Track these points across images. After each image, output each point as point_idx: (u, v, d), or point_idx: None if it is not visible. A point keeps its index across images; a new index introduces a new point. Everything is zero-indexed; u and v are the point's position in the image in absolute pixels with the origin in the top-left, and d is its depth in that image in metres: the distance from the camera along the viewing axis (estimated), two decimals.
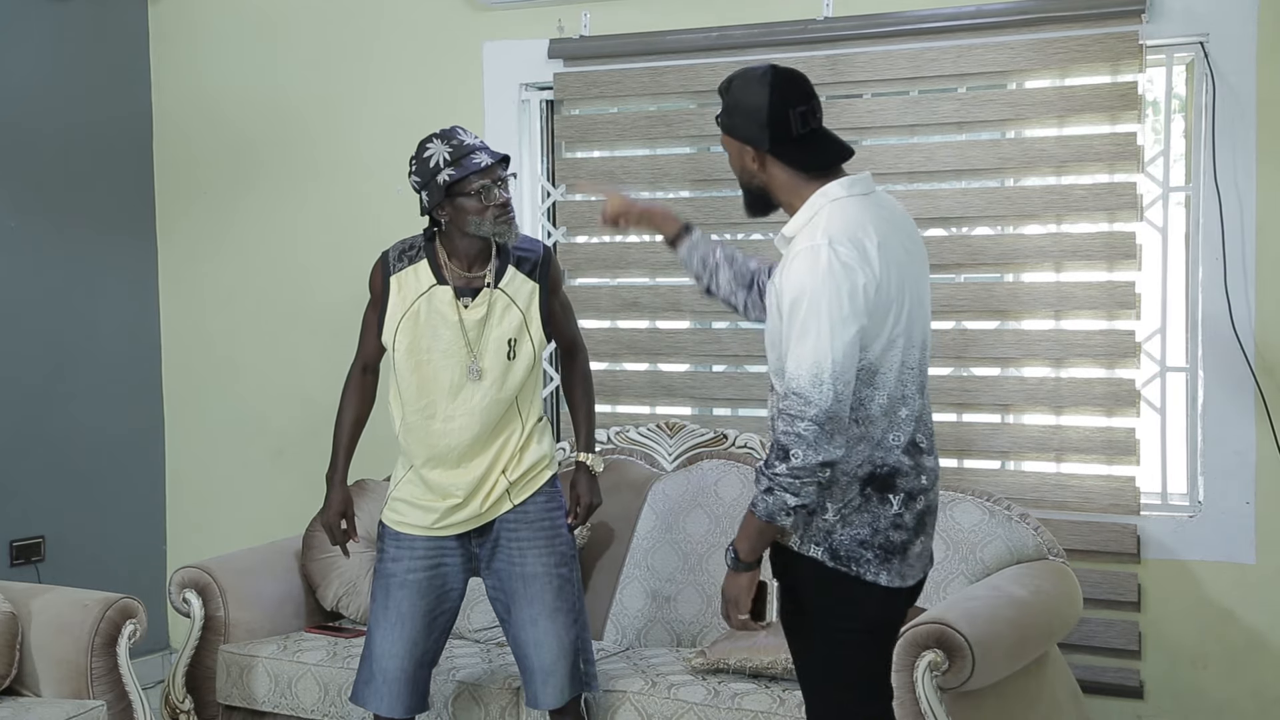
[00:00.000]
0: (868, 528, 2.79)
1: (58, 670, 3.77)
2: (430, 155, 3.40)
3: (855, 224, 2.75)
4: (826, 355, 2.66)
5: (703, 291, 3.16)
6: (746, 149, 2.85)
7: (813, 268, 2.70)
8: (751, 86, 2.83)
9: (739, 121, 2.85)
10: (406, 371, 3.51)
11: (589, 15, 4.73)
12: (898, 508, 2.80)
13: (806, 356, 2.67)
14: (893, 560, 2.81)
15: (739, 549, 2.80)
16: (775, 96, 2.80)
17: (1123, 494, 4.18)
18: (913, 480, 2.82)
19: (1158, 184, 4.21)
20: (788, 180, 2.84)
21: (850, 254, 2.70)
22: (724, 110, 2.88)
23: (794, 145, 2.82)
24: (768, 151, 2.82)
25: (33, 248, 5.04)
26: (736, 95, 2.85)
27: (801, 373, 2.67)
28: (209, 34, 5.34)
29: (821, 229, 2.73)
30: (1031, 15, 4.20)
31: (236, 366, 5.38)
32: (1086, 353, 4.21)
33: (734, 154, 2.89)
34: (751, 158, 2.85)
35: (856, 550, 2.79)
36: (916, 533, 2.85)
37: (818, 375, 2.66)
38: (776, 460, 2.69)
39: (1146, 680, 4.19)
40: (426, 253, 3.51)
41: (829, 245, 2.70)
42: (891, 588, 2.82)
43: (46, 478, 5.08)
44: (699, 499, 4.29)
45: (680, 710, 3.60)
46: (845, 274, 2.68)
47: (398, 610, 3.53)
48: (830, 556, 2.79)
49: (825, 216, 2.76)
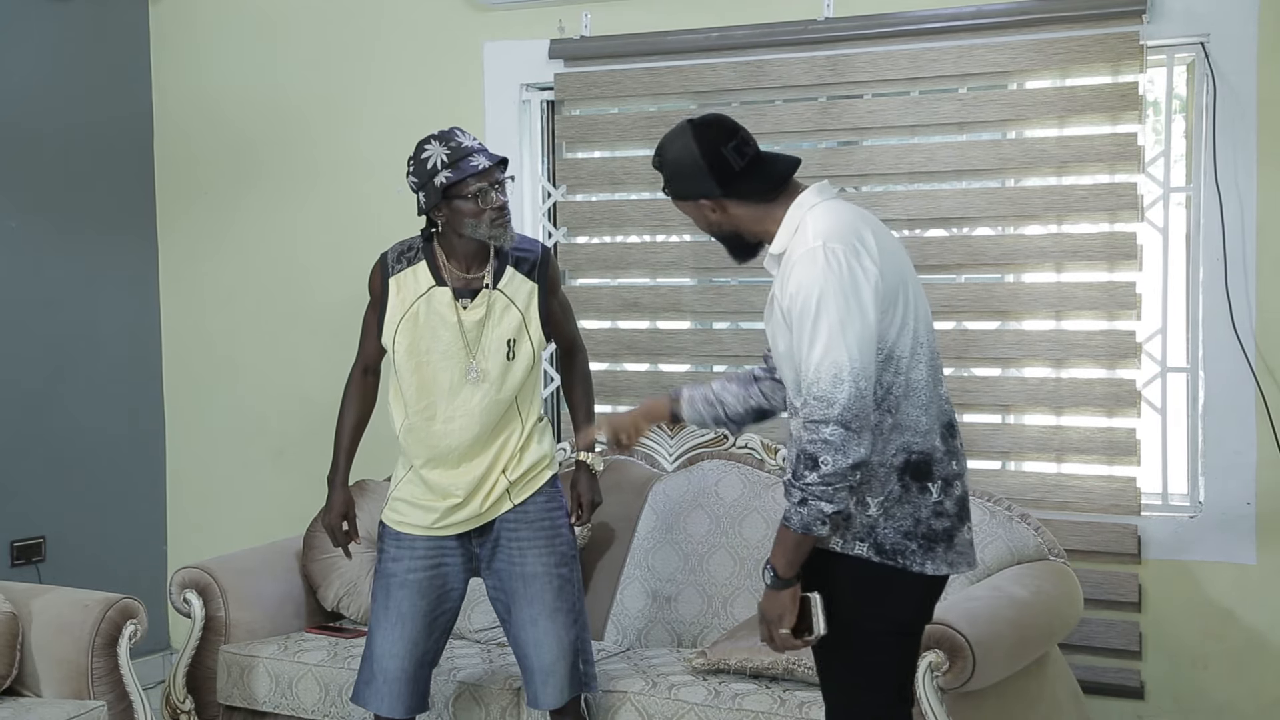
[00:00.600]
0: (910, 518, 2.78)
1: (58, 670, 3.77)
2: (428, 157, 3.39)
3: (842, 222, 2.77)
4: (842, 352, 2.65)
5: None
6: (703, 203, 2.87)
7: (811, 268, 2.70)
8: (677, 145, 2.86)
9: (683, 183, 2.87)
10: (407, 373, 3.51)
11: (590, 15, 4.73)
12: (937, 495, 2.80)
13: (823, 357, 2.66)
14: (936, 548, 2.80)
15: (777, 566, 2.76)
16: (702, 143, 2.83)
17: (1123, 494, 4.18)
18: (947, 466, 2.82)
19: (1158, 184, 4.21)
20: (751, 213, 2.86)
21: (847, 249, 2.71)
22: (666, 180, 2.90)
23: (742, 179, 2.84)
24: (721, 196, 2.84)
25: (33, 248, 5.04)
26: (669, 158, 2.88)
27: (821, 375, 2.66)
28: (209, 34, 5.34)
29: (811, 233, 2.74)
30: (1032, 16, 4.19)
31: (237, 366, 5.38)
32: (1087, 353, 4.20)
33: (695, 215, 2.91)
34: (710, 209, 2.87)
35: (901, 542, 2.78)
36: (960, 519, 2.85)
37: (837, 374, 2.65)
38: (806, 470, 2.66)
39: (1147, 681, 4.19)
40: (425, 254, 3.51)
41: (824, 245, 2.71)
42: (937, 576, 2.82)
43: (47, 478, 5.08)
44: (700, 499, 4.29)
45: (681, 710, 3.60)
46: (847, 269, 2.69)
47: (398, 610, 3.53)
48: (876, 551, 2.77)
49: (810, 222, 2.77)
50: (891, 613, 2.82)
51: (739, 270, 4.61)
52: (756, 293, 4.61)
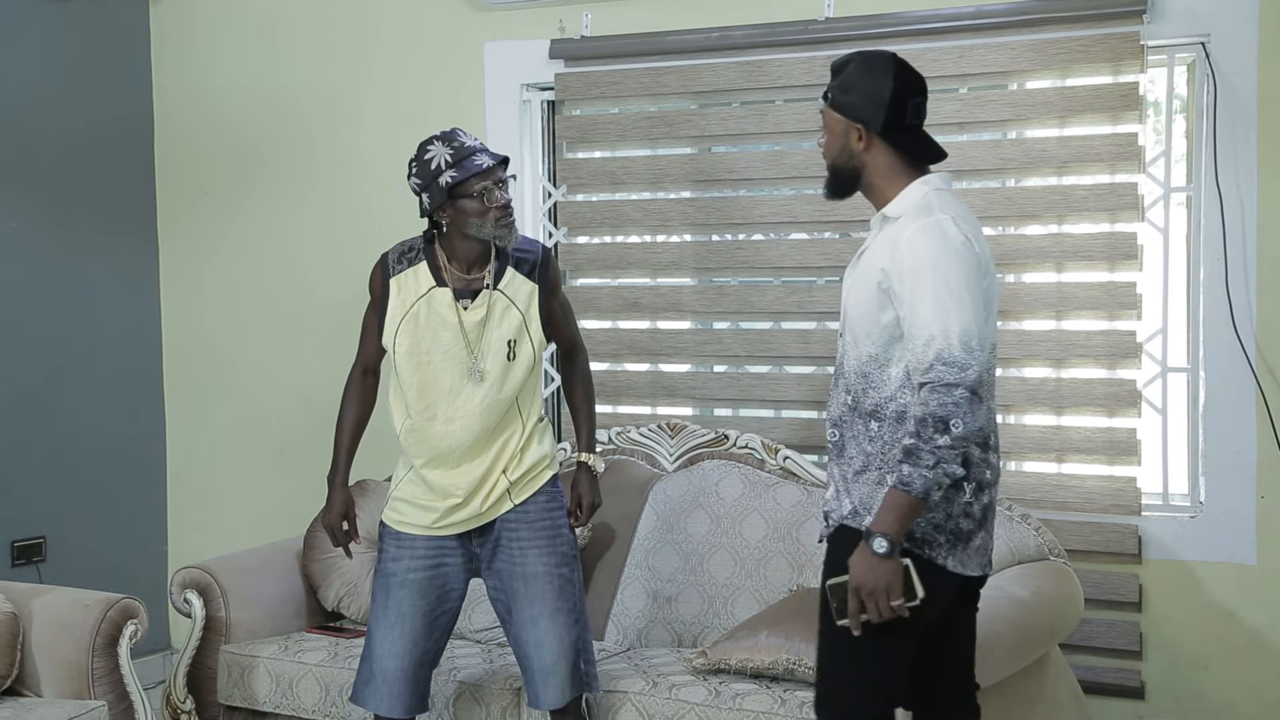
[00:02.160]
0: (942, 513, 2.81)
1: (59, 670, 3.77)
2: (431, 157, 3.39)
3: (962, 210, 2.87)
4: (971, 321, 2.70)
5: None
6: (855, 127, 2.88)
7: (939, 238, 2.76)
8: (874, 68, 2.87)
9: (854, 100, 2.87)
10: (407, 373, 3.51)
11: (590, 15, 4.73)
12: (969, 496, 2.83)
13: (954, 324, 2.69)
14: (958, 547, 2.83)
15: (891, 531, 2.71)
16: (898, 82, 2.85)
17: (1124, 494, 4.18)
18: (981, 471, 2.85)
19: (1159, 184, 4.21)
20: (889, 165, 2.88)
21: (970, 232, 2.80)
22: (838, 87, 2.90)
23: (904, 133, 2.87)
24: (878, 133, 2.86)
25: (34, 248, 5.04)
26: (856, 75, 2.88)
27: (951, 341, 2.69)
28: (210, 34, 5.34)
29: (936, 207, 2.80)
30: (1032, 16, 4.19)
31: (237, 367, 5.38)
32: (1088, 353, 4.20)
33: (837, 131, 2.91)
34: (858, 137, 2.88)
35: (931, 534, 2.81)
36: (980, 524, 2.87)
37: (967, 341, 2.69)
38: (937, 433, 2.67)
39: (1148, 681, 4.19)
40: (426, 255, 3.51)
41: (952, 219, 2.78)
42: (955, 573, 2.84)
43: (48, 478, 5.08)
44: (700, 499, 4.29)
45: (681, 710, 3.60)
46: (969, 249, 2.77)
47: (398, 610, 3.53)
48: (907, 538, 2.77)
49: (936, 199, 2.83)
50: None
51: (739, 270, 4.63)
52: (757, 293, 4.61)
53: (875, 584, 2.72)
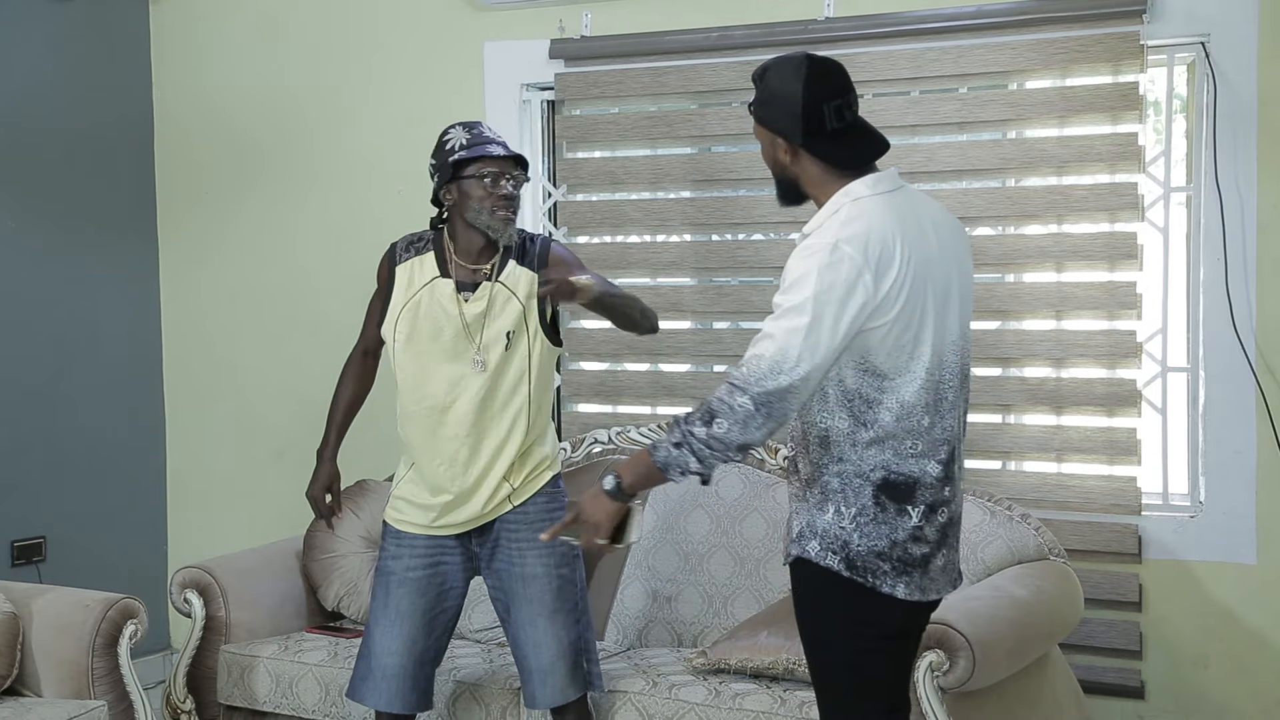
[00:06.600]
0: (885, 539, 2.72)
1: (59, 670, 3.77)
2: (449, 139, 3.46)
3: (873, 227, 2.67)
4: (795, 349, 2.60)
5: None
6: (779, 140, 2.78)
7: (813, 259, 2.64)
8: (786, 77, 2.75)
9: (772, 113, 2.78)
10: (406, 362, 3.52)
11: (590, 15, 4.73)
12: (917, 520, 2.73)
13: (776, 341, 2.62)
14: (912, 573, 2.74)
15: (624, 479, 2.78)
16: (809, 90, 2.73)
17: (1124, 494, 4.18)
18: (937, 492, 2.76)
19: (1159, 184, 4.21)
20: (818, 175, 2.78)
21: (856, 258, 2.63)
22: (757, 100, 2.81)
23: (827, 140, 2.75)
24: (800, 145, 2.76)
25: (34, 249, 5.04)
26: (771, 85, 2.78)
27: (764, 354, 2.62)
28: (210, 34, 5.34)
29: (833, 230, 2.67)
30: (1032, 15, 4.19)
31: (237, 367, 5.38)
32: (1088, 353, 4.21)
33: (766, 144, 2.82)
34: (784, 150, 2.79)
35: (873, 561, 2.71)
36: (939, 546, 2.78)
37: (778, 366, 2.61)
38: (699, 422, 2.65)
39: (1148, 680, 4.19)
40: (434, 245, 3.53)
41: (836, 245, 2.64)
42: (909, 600, 2.75)
43: (48, 478, 5.08)
44: (700, 499, 4.29)
45: (681, 710, 3.60)
46: (844, 277, 2.62)
47: (396, 608, 3.54)
48: (846, 566, 2.72)
49: (842, 216, 2.69)
50: (872, 620, 2.76)
51: (739, 270, 4.63)
52: (756, 292, 4.61)
53: (589, 517, 2.84)
